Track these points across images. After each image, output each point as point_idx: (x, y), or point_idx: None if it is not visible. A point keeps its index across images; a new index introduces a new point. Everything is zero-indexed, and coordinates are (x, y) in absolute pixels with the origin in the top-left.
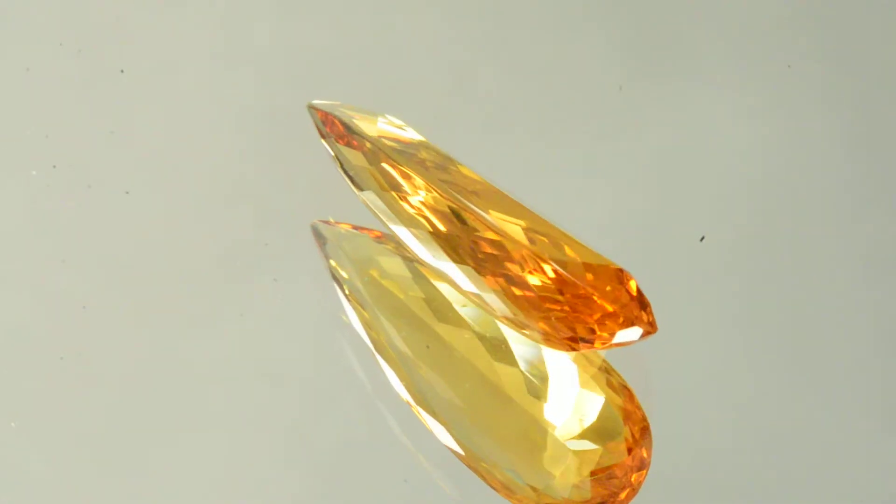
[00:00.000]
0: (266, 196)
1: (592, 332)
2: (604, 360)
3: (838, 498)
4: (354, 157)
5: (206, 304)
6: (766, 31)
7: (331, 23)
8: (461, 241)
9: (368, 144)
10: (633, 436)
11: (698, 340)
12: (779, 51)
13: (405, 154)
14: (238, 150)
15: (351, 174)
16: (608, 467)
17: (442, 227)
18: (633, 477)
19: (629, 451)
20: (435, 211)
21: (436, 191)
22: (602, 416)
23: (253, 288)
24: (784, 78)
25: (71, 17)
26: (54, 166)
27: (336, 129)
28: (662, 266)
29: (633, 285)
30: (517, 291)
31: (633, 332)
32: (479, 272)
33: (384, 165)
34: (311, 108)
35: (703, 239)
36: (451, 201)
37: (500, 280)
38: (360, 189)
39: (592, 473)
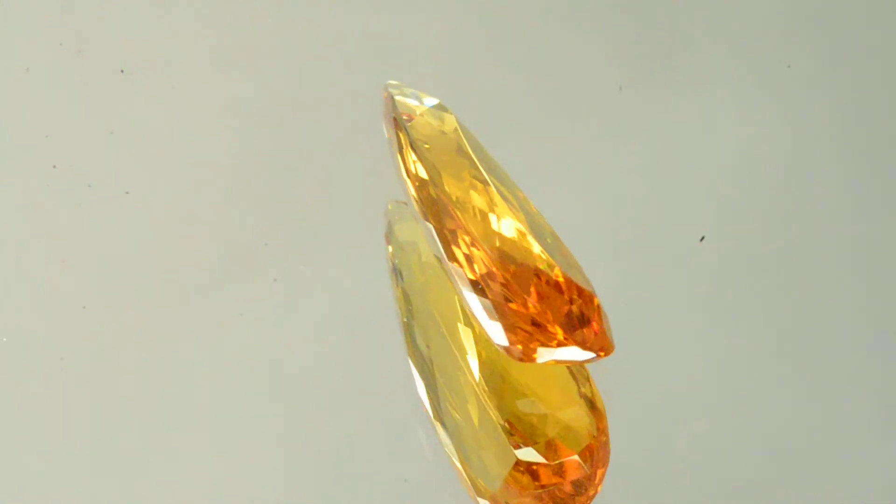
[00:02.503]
0: (266, 195)
1: (529, 343)
2: (582, 371)
3: (834, 498)
4: (393, 142)
5: (206, 303)
6: (766, 31)
7: (331, 21)
8: (449, 237)
9: (402, 130)
10: (589, 456)
11: (697, 339)
12: (779, 51)
13: (432, 148)
14: (238, 149)
15: (393, 159)
16: (555, 483)
17: (436, 222)
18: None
19: (581, 470)
20: (434, 203)
21: (435, 183)
22: (561, 432)
23: (253, 288)
24: (784, 78)
25: (71, 17)
26: (54, 166)
27: (388, 112)
28: (662, 266)
29: (575, 306)
30: (477, 293)
31: (572, 352)
32: (455, 270)
33: (406, 152)
34: (384, 87)
35: (702, 239)
36: (441, 195)
37: (469, 281)
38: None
39: (537, 486)
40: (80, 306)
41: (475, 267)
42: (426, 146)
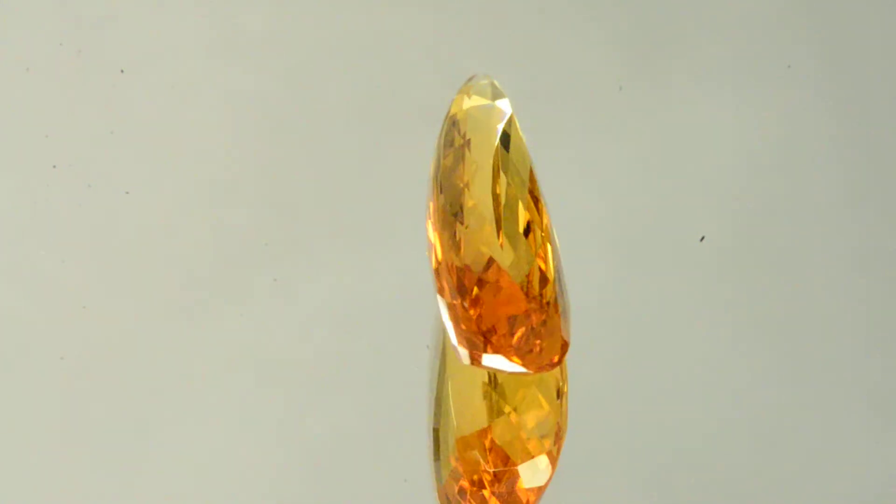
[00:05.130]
0: (266, 196)
1: (465, 343)
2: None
3: (835, 498)
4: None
5: (205, 303)
6: (766, 31)
7: (331, 20)
8: (429, 226)
9: (443, 125)
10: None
11: (696, 338)
12: (779, 51)
13: (456, 144)
14: (238, 149)
15: None
16: (493, 490)
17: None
18: None
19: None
20: (430, 189)
21: (436, 174)
22: (515, 439)
23: (252, 288)
24: (784, 78)
25: (71, 16)
26: (54, 166)
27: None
28: (661, 265)
29: (515, 315)
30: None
31: (499, 361)
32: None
33: (436, 145)
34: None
35: (703, 239)
36: (434, 183)
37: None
38: None
39: (473, 491)
40: (80, 306)
41: (436, 256)
42: (450, 139)
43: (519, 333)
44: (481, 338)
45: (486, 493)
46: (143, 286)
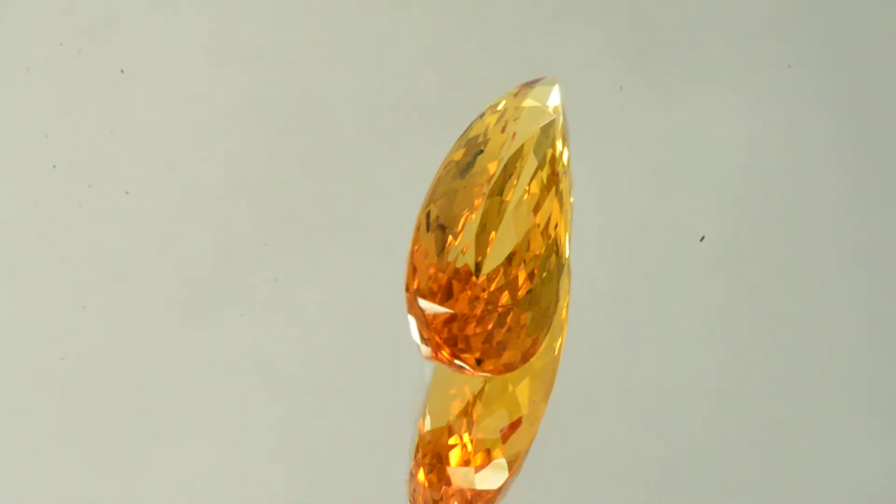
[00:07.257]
0: (266, 195)
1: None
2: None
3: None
4: None
5: (205, 303)
6: (766, 31)
7: (331, 19)
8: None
9: (477, 119)
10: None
11: (696, 338)
12: (779, 51)
13: (480, 140)
14: (238, 149)
15: None
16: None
17: None
18: None
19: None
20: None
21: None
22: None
23: (253, 288)
24: (784, 78)
25: (71, 16)
26: (54, 166)
27: None
28: (661, 266)
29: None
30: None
31: (453, 359)
32: None
33: (459, 138)
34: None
35: (703, 239)
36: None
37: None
38: None
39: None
40: (80, 306)
41: (414, 249)
42: (476, 135)
43: (477, 335)
44: (437, 335)
45: (443, 490)
46: (143, 286)
